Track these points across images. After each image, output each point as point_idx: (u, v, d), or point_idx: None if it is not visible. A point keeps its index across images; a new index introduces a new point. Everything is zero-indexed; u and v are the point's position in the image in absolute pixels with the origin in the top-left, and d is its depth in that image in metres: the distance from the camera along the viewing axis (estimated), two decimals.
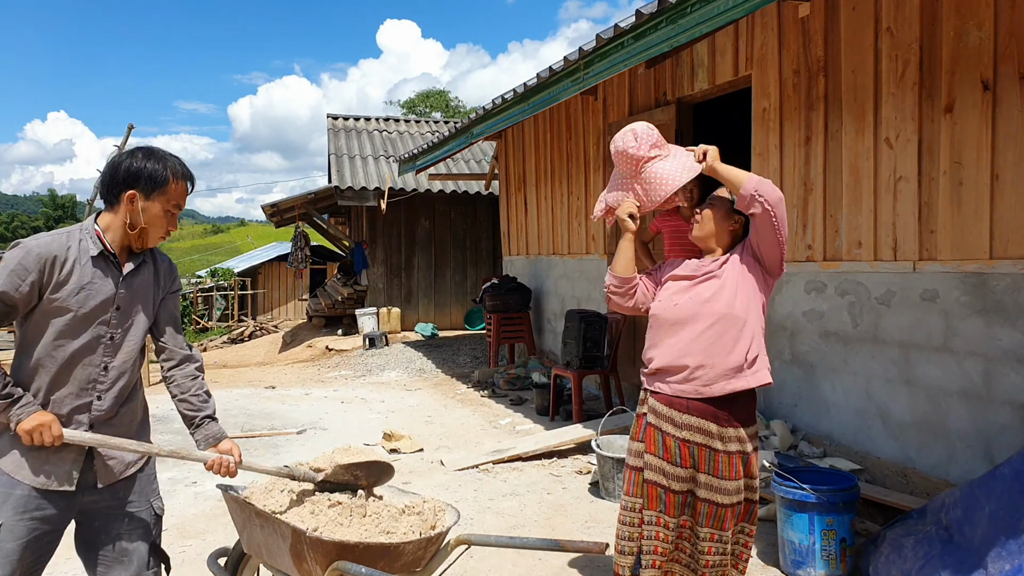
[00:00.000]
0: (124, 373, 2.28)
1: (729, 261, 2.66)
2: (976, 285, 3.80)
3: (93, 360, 2.20)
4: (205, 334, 24.87)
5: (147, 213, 2.21)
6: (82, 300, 2.16)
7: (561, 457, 5.53)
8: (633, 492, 2.68)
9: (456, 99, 36.71)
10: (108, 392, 2.24)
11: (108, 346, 2.23)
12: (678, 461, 2.59)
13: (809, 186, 4.84)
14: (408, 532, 2.18)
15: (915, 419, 4.16)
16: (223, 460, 2.27)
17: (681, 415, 2.59)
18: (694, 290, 2.65)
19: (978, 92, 3.74)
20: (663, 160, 2.69)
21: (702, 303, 2.59)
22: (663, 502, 2.60)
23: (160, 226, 2.26)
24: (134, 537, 2.29)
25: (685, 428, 2.59)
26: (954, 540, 2.95)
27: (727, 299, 2.58)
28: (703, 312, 2.58)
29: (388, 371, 10.26)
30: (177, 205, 2.28)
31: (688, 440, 2.58)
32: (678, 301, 2.65)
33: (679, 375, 2.60)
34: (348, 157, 14.42)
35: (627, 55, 4.88)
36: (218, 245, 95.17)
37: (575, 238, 8.40)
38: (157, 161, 2.22)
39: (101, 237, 2.21)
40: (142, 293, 2.31)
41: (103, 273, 2.21)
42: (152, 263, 2.36)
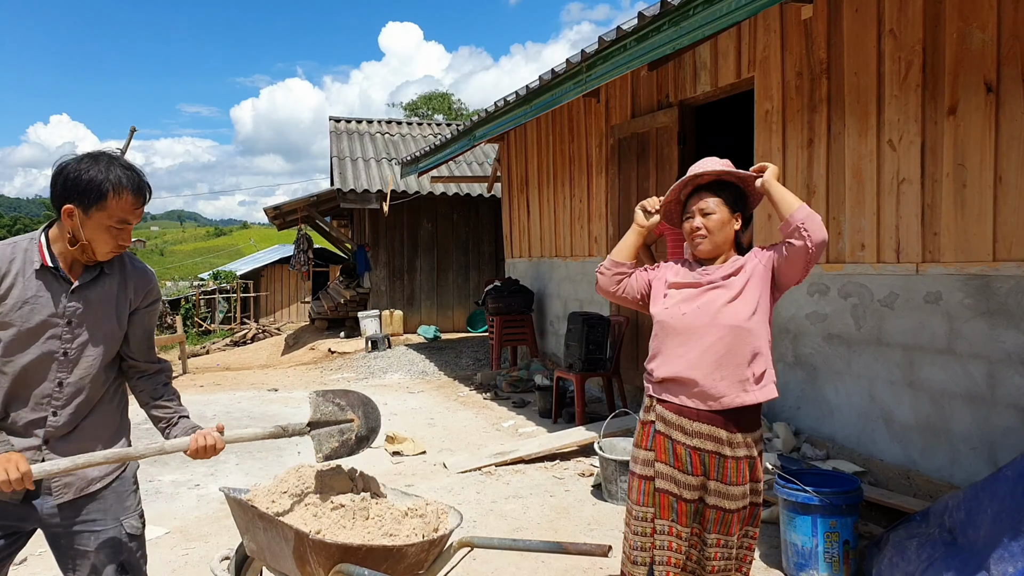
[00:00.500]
0: (83, 389, 2.15)
1: (741, 272, 2.57)
2: (980, 287, 3.79)
3: (47, 375, 2.10)
4: (207, 336, 24.88)
5: (87, 228, 2.04)
6: (26, 315, 2.05)
7: (564, 459, 5.53)
8: (644, 501, 2.62)
9: (458, 101, 36.76)
10: (64, 408, 2.13)
11: (62, 362, 2.11)
12: (689, 469, 2.55)
13: (812, 188, 4.83)
14: (411, 535, 2.18)
15: (918, 422, 4.15)
16: (204, 435, 2.17)
17: (692, 423, 2.54)
18: (702, 299, 2.57)
19: (981, 94, 3.74)
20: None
21: (713, 314, 2.52)
22: (675, 511, 2.56)
23: (104, 242, 2.08)
24: (101, 557, 2.17)
25: (696, 436, 2.54)
26: (957, 543, 2.95)
27: (739, 311, 2.51)
28: (714, 324, 2.51)
29: (390, 373, 10.26)
30: (123, 220, 2.07)
31: (699, 448, 2.54)
32: (686, 310, 2.57)
33: (688, 387, 2.55)
34: (351, 160, 14.44)
35: (630, 57, 4.88)
36: (221, 248, 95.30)
37: (577, 240, 8.39)
38: (98, 171, 2.03)
39: (42, 250, 2.09)
40: (102, 307, 2.16)
41: (48, 286, 2.09)
42: (119, 274, 2.21)
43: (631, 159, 6.95)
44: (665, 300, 2.65)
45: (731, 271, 2.58)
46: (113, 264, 2.20)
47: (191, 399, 8.88)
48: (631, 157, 6.95)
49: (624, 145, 7.06)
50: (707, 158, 2.69)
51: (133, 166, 2.11)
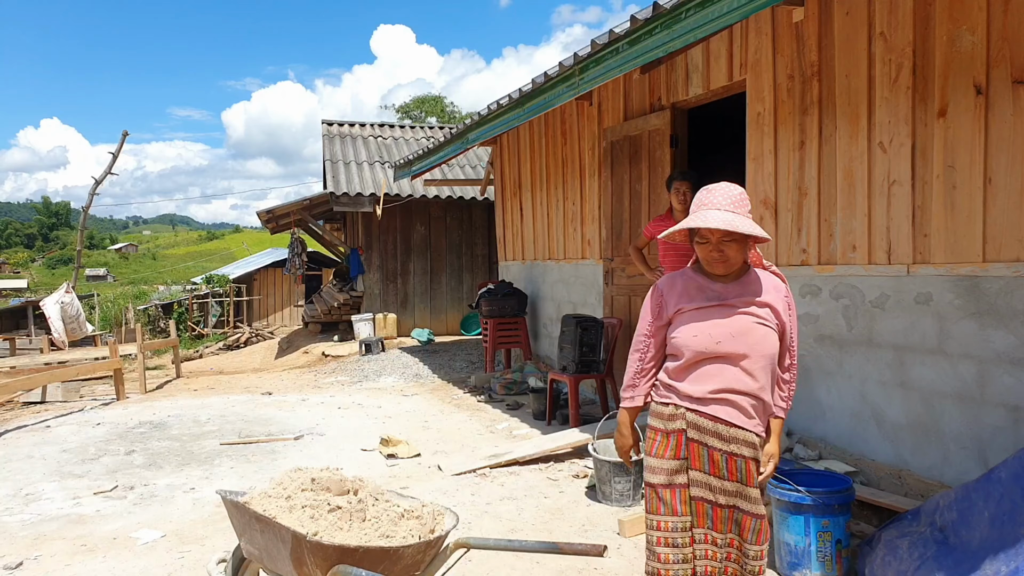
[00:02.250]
0: None
1: (766, 307, 2.53)
2: (969, 288, 3.83)
3: None
4: (201, 341, 24.80)
5: None
6: None
7: (558, 461, 5.54)
8: (682, 511, 2.53)
9: (451, 104, 36.78)
10: None
11: None
12: (725, 474, 2.50)
13: (804, 190, 4.87)
14: (407, 536, 2.19)
15: (909, 421, 4.18)
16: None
17: (728, 429, 2.50)
18: (733, 324, 2.50)
19: (971, 96, 3.78)
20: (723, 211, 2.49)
21: (751, 344, 2.48)
22: (710, 518, 2.52)
23: None
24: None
25: (733, 442, 2.51)
26: (949, 542, 2.97)
27: (771, 342, 2.52)
28: (751, 352, 2.48)
29: (384, 377, 10.26)
30: None
31: (735, 454, 2.50)
32: (720, 337, 2.49)
33: (725, 405, 2.50)
34: (343, 163, 14.43)
35: (622, 60, 4.91)
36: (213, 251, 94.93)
37: (571, 243, 8.42)
38: None
39: None
40: None
41: None
42: None
43: (624, 162, 6.97)
44: (689, 327, 2.54)
45: (755, 298, 2.53)
46: None
47: (186, 403, 8.86)
48: (624, 160, 6.97)
49: (617, 148, 7.09)
50: (719, 194, 2.51)
51: None
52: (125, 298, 32.17)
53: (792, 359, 2.61)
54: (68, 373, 9.45)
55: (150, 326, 26.24)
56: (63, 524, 4.57)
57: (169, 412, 8.24)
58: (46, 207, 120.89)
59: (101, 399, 9.65)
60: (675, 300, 2.60)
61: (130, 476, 5.61)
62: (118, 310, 27.63)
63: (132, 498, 5.08)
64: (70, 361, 10.68)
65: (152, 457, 6.19)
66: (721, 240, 2.47)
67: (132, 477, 5.58)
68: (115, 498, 5.09)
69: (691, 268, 2.65)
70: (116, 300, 31.60)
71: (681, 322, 2.56)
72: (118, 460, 6.12)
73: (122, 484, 5.40)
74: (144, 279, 60.53)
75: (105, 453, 6.37)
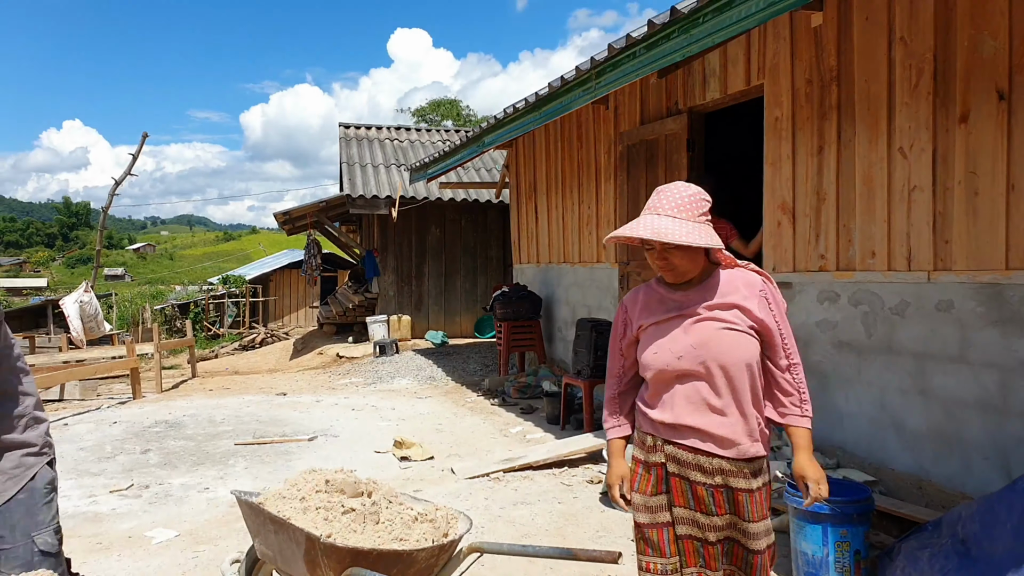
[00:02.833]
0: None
1: (732, 308, 2.25)
2: (992, 296, 3.77)
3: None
4: (216, 341, 24.97)
5: None
6: None
7: (572, 466, 5.52)
8: (669, 552, 2.31)
9: (467, 108, 36.84)
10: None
11: None
12: (713, 510, 2.26)
13: (822, 195, 4.82)
14: (421, 539, 2.19)
15: (930, 430, 4.13)
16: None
17: (710, 460, 2.26)
18: (693, 336, 2.26)
19: (993, 101, 3.73)
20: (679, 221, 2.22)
21: (719, 353, 2.22)
22: (701, 555, 2.29)
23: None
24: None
25: (718, 474, 2.26)
26: (971, 554, 2.93)
27: (746, 347, 2.24)
28: (721, 362, 2.22)
29: (398, 379, 10.28)
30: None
31: (722, 486, 2.26)
32: (680, 351, 2.25)
33: (699, 433, 2.26)
34: (360, 165, 14.49)
35: (639, 65, 4.89)
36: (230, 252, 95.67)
37: (586, 246, 8.39)
38: None
39: None
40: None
41: None
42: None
43: (640, 165, 6.95)
44: (651, 345, 2.31)
45: (719, 301, 2.26)
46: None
47: (200, 403, 8.92)
48: (640, 163, 6.95)
49: (633, 152, 7.07)
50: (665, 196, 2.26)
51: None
52: (142, 298, 32.46)
53: (790, 358, 2.28)
54: (86, 372, 9.54)
55: (167, 326, 26.45)
56: (79, 522, 4.60)
57: (184, 412, 8.29)
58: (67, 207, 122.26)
59: (118, 398, 9.74)
60: (637, 315, 2.39)
61: (145, 475, 5.65)
62: (135, 309, 27.88)
63: (147, 497, 5.11)
64: (88, 360, 10.80)
65: (167, 456, 6.22)
66: (665, 247, 2.22)
67: (147, 476, 5.61)
68: (130, 497, 5.12)
69: (655, 278, 2.42)
70: (133, 300, 31.90)
71: (645, 339, 2.35)
72: (134, 459, 6.16)
73: (137, 483, 5.43)
74: (161, 279, 61.09)
75: (121, 452, 6.42)
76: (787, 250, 5.15)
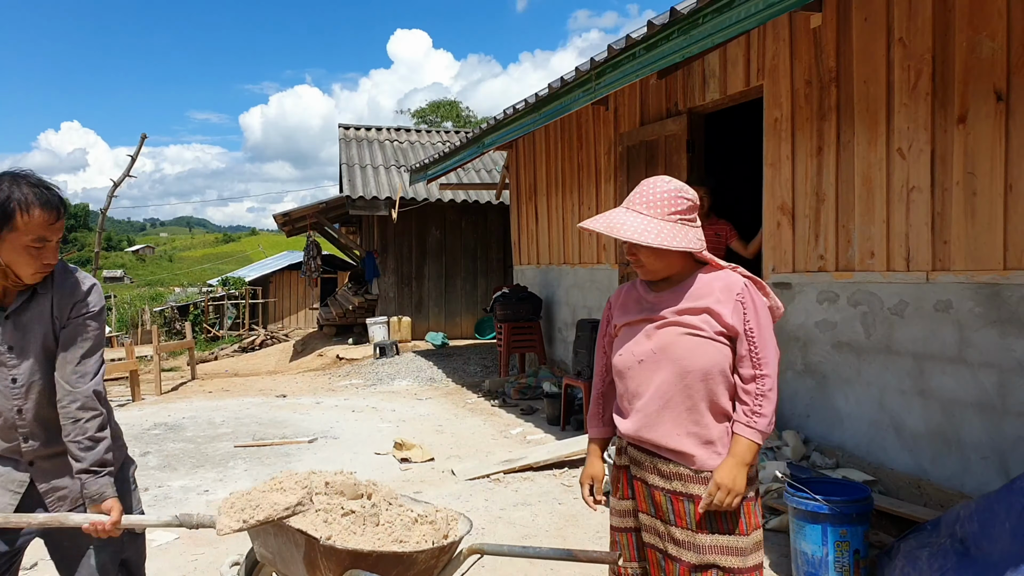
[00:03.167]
0: (44, 412, 2.14)
1: (705, 314, 2.11)
2: (990, 296, 3.78)
3: (4, 405, 2.11)
4: (216, 343, 24.98)
5: (3, 252, 2.01)
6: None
7: (572, 467, 5.52)
8: (632, 556, 2.25)
9: (467, 109, 36.84)
10: (32, 435, 2.14)
11: (13, 389, 2.11)
12: (672, 519, 2.13)
13: (821, 196, 4.83)
14: (421, 541, 2.19)
15: (929, 430, 4.13)
16: (96, 524, 2.06)
17: (667, 464, 2.14)
18: (657, 340, 2.16)
19: (991, 102, 3.74)
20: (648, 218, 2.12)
21: (677, 358, 2.11)
22: (663, 570, 2.16)
23: (25, 264, 2.03)
24: (102, 556, 2.22)
25: (675, 479, 2.12)
26: (970, 553, 2.93)
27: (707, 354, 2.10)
28: (679, 368, 2.11)
29: (399, 380, 10.28)
30: (40, 238, 2.02)
31: (680, 493, 2.12)
32: (642, 355, 2.17)
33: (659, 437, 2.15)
34: (360, 167, 14.50)
35: (639, 66, 4.90)
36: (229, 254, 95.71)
37: (586, 248, 8.40)
38: (2, 192, 1.98)
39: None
40: (36, 328, 2.13)
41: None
42: (50, 292, 2.15)
43: (640, 166, 6.95)
44: (620, 346, 2.25)
45: (689, 304, 2.13)
46: (46, 282, 2.16)
47: (200, 405, 8.92)
48: (640, 165, 6.95)
49: (633, 153, 7.07)
50: (640, 190, 2.17)
51: (43, 182, 2.06)
52: (141, 300, 32.45)
53: (758, 367, 2.08)
54: None
55: (166, 328, 26.46)
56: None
57: (184, 414, 8.29)
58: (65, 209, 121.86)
59: (117, 400, 9.73)
60: (616, 314, 2.33)
61: (145, 477, 5.65)
62: (134, 311, 27.87)
63: (147, 499, 5.11)
64: None
65: (167, 459, 6.22)
66: (633, 244, 2.12)
67: (147, 479, 5.61)
68: None
69: (640, 278, 2.31)
70: (133, 301, 31.89)
71: (617, 341, 2.29)
72: None
73: (137, 485, 5.43)
74: (160, 281, 61.10)
75: None
76: (786, 251, 5.16)
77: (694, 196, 2.16)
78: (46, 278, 2.14)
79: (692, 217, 2.15)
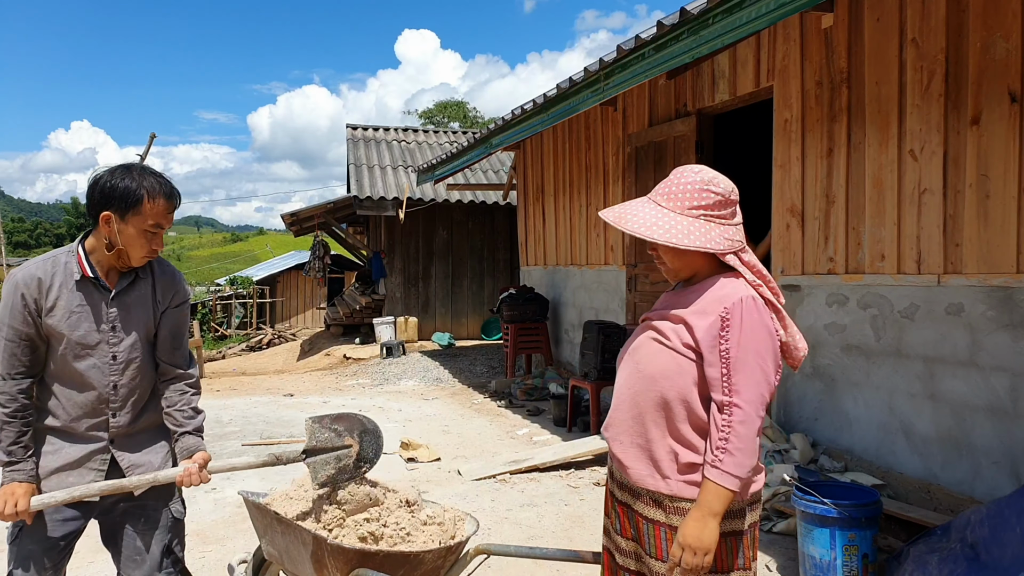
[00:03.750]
0: (135, 389, 2.30)
1: (682, 325, 1.89)
2: (1003, 299, 3.75)
3: (101, 381, 2.23)
4: (223, 342, 25.04)
5: (123, 234, 2.16)
6: (74, 324, 2.19)
7: (579, 468, 5.51)
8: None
9: (474, 109, 36.88)
10: (122, 409, 2.28)
11: (112, 366, 2.24)
12: (618, 526, 2.00)
13: (831, 198, 4.80)
14: (428, 541, 2.18)
15: (939, 434, 4.10)
16: (188, 471, 2.21)
17: (631, 480, 1.95)
18: (635, 341, 2.02)
19: (1005, 104, 3.71)
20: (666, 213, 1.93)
21: (640, 365, 1.95)
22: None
23: (140, 246, 2.20)
24: (148, 538, 2.33)
25: (639, 498, 1.93)
26: (980, 559, 2.90)
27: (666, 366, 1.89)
28: (641, 376, 1.94)
29: (405, 380, 10.28)
30: (157, 224, 2.20)
31: (642, 515, 1.92)
32: (621, 357, 2.05)
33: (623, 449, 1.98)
34: (367, 167, 14.51)
35: (648, 66, 4.88)
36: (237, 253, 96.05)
37: (593, 249, 8.38)
38: (132, 179, 2.15)
39: (81, 260, 2.21)
40: (139, 310, 2.29)
41: (90, 296, 2.22)
42: (150, 277, 2.34)
43: (648, 167, 6.94)
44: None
45: (676, 310, 1.92)
46: (146, 269, 2.32)
47: (208, 404, 8.93)
48: (648, 165, 6.94)
49: (641, 153, 7.06)
50: (666, 181, 2.01)
51: (163, 175, 2.24)
52: None
53: (727, 394, 1.78)
54: None
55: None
56: None
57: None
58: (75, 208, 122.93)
59: None
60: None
61: None
62: None
63: None
64: None
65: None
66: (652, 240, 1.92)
67: None
68: None
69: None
70: None
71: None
72: None
73: None
74: None
75: None
76: (796, 253, 5.13)
77: (726, 190, 1.91)
78: (147, 264, 2.31)
79: (720, 213, 1.90)
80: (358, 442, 2.30)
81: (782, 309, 1.91)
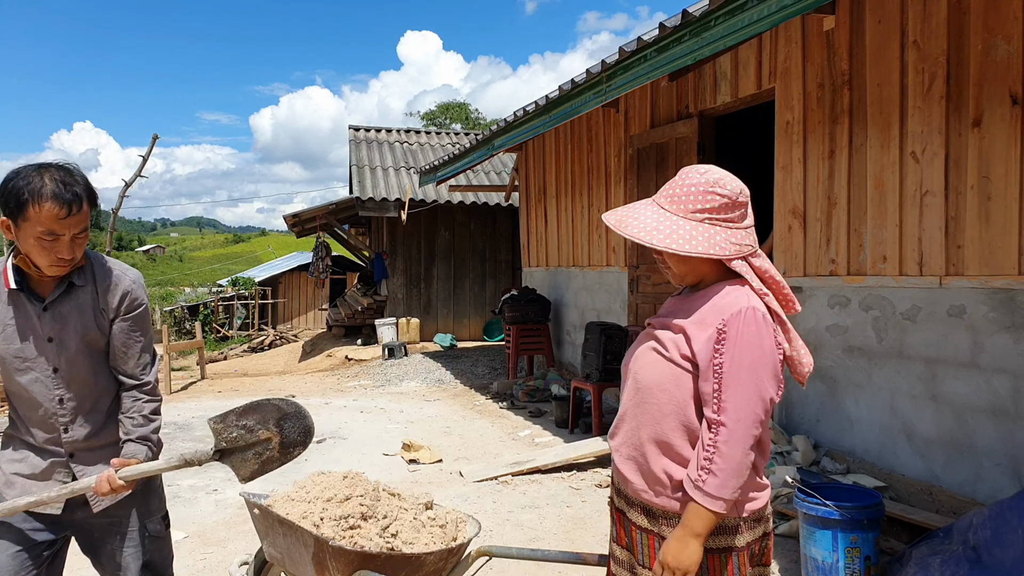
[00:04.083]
0: (86, 401, 2.18)
1: (681, 335, 1.82)
2: (1004, 301, 3.75)
3: (45, 395, 2.12)
4: (226, 343, 25.06)
5: (21, 242, 1.98)
6: (9, 337, 2.08)
7: (580, 470, 5.51)
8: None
9: (476, 111, 36.89)
10: (73, 423, 2.16)
11: (54, 379, 2.12)
12: (614, 533, 1.97)
13: (833, 200, 4.80)
14: (429, 543, 2.18)
15: (941, 436, 4.10)
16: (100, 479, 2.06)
17: (629, 488, 1.91)
18: (635, 347, 1.97)
19: (1007, 106, 3.71)
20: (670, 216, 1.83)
21: (637, 372, 1.90)
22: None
23: (39, 255, 1.99)
24: (127, 555, 2.26)
25: (633, 508, 1.90)
26: (983, 561, 2.90)
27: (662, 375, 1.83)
28: (636, 382, 1.89)
29: (407, 381, 10.28)
30: (49, 232, 1.95)
31: (636, 524, 1.89)
32: (624, 364, 1.99)
33: (621, 458, 1.93)
34: (369, 168, 14.53)
35: (650, 68, 4.88)
36: (239, 254, 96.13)
37: (595, 250, 8.39)
38: (24, 180, 1.93)
39: (7, 272, 2.07)
40: (77, 320, 2.13)
41: (21, 308, 2.09)
42: (90, 284, 2.15)
43: (650, 169, 6.94)
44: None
45: (676, 318, 1.86)
46: (85, 274, 2.15)
47: (209, 404, 8.94)
48: (650, 167, 6.94)
49: (643, 155, 7.06)
50: (671, 182, 1.89)
51: (68, 176, 1.99)
52: (152, 299, 32.66)
53: (717, 412, 1.70)
54: None
55: (176, 327, 26.57)
56: None
57: (193, 413, 8.31)
58: None
59: None
60: None
61: None
62: None
63: None
64: None
65: None
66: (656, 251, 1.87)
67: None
68: None
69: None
70: None
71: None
72: None
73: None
74: (171, 280, 61.39)
75: None
76: (797, 255, 5.13)
77: (733, 191, 1.80)
78: (84, 270, 2.14)
79: (727, 216, 1.80)
80: (277, 432, 2.21)
81: (787, 321, 1.82)
